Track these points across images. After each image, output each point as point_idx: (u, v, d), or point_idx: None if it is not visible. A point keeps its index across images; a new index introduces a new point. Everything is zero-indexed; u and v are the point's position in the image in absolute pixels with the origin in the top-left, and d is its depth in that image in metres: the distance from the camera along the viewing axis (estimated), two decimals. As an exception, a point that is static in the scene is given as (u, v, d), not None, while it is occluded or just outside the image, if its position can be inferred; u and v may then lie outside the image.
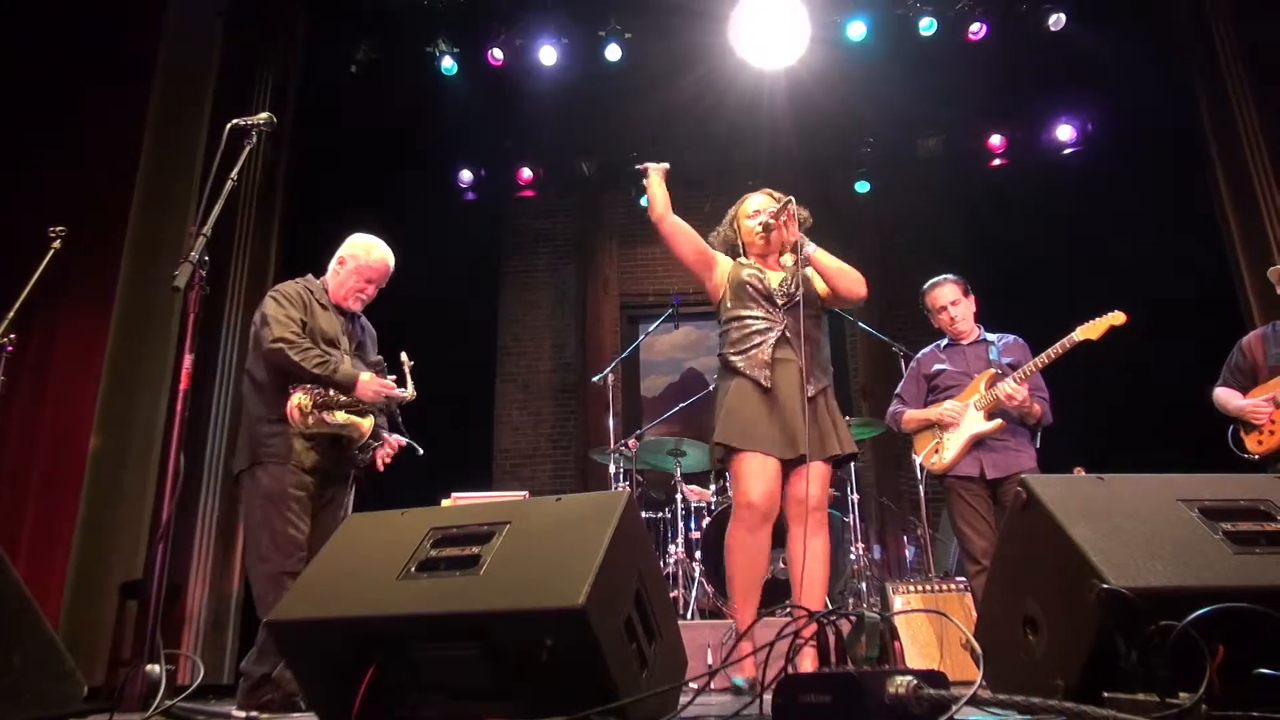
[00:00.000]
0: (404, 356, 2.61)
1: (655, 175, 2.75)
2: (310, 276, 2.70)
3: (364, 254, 2.66)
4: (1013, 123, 5.95)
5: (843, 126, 5.87)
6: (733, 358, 2.55)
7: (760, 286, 2.59)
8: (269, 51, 4.69)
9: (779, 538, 2.51)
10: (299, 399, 2.42)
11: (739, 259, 2.73)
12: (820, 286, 2.64)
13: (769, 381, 2.47)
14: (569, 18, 5.27)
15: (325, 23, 5.09)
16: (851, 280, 2.54)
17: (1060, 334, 2.91)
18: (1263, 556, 1.31)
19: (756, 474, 2.41)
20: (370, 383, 2.48)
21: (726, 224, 2.80)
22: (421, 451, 2.64)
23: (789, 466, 2.47)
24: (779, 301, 2.58)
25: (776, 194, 2.71)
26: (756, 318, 2.57)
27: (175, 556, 1.98)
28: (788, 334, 2.53)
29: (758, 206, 2.71)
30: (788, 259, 2.66)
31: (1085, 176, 5.53)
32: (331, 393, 2.46)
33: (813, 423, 2.43)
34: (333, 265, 2.69)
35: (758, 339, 2.53)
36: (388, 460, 2.62)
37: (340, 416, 2.46)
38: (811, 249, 2.56)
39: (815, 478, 2.43)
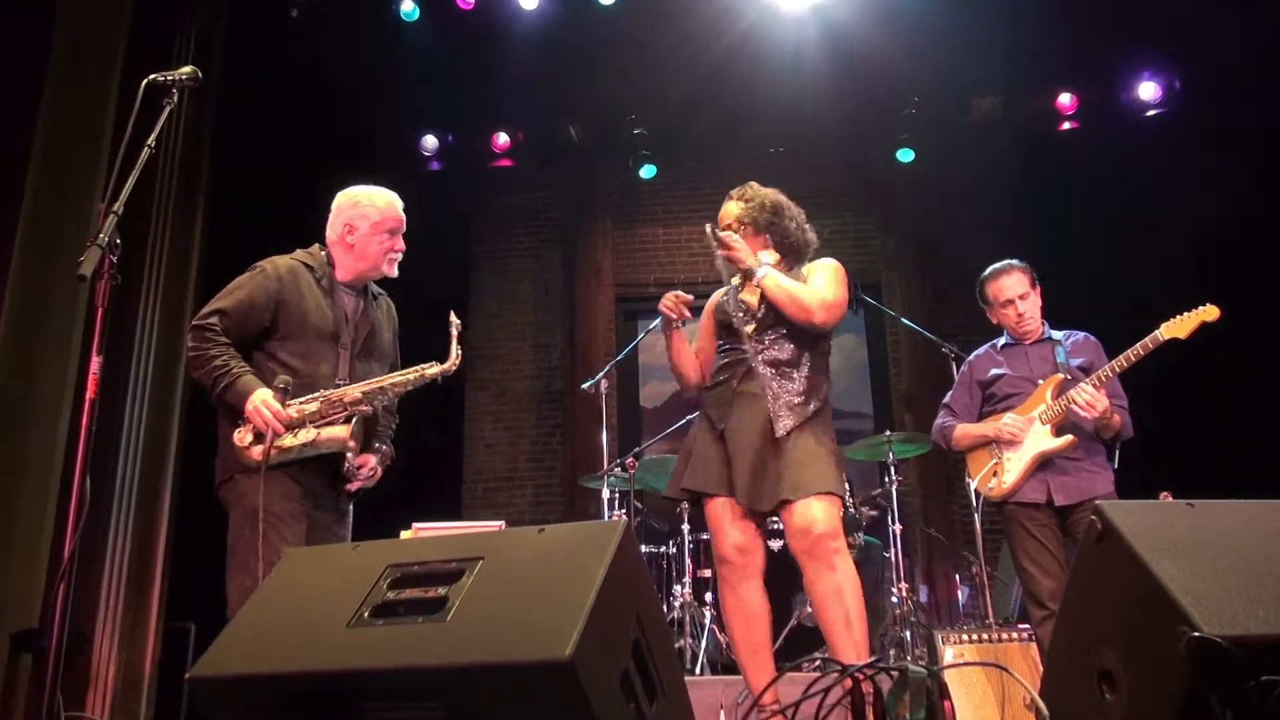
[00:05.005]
0: (452, 316, 2.56)
1: (676, 338, 2.78)
2: (316, 248, 2.65)
3: (372, 208, 2.64)
4: (1085, 79, 5.97)
5: (883, 83, 5.88)
6: (705, 395, 2.74)
7: (731, 316, 2.71)
8: (193, -7, 4.70)
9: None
10: (239, 432, 2.37)
11: (729, 288, 2.81)
12: None
13: (722, 422, 2.62)
14: (553, -48, 5.29)
15: (260, -42, 5.11)
16: (797, 309, 2.59)
17: (1141, 332, 2.92)
18: (1385, 599, 1.31)
19: (723, 524, 2.57)
20: (258, 410, 2.34)
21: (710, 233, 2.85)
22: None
23: (776, 509, 2.54)
24: (750, 329, 2.66)
25: (745, 195, 2.77)
26: (730, 349, 2.71)
27: (79, 601, 1.99)
28: (756, 363, 2.62)
29: (725, 220, 2.78)
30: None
31: (1171, 143, 5.54)
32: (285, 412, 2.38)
33: (779, 467, 2.51)
34: (338, 237, 2.63)
35: (725, 374, 2.69)
36: (367, 480, 2.58)
37: (302, 436, 2.37)
38: (762, 274, 2.62)
39: (806, 507, 2.46)
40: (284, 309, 2.50)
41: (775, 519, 2.64)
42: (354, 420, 2.42)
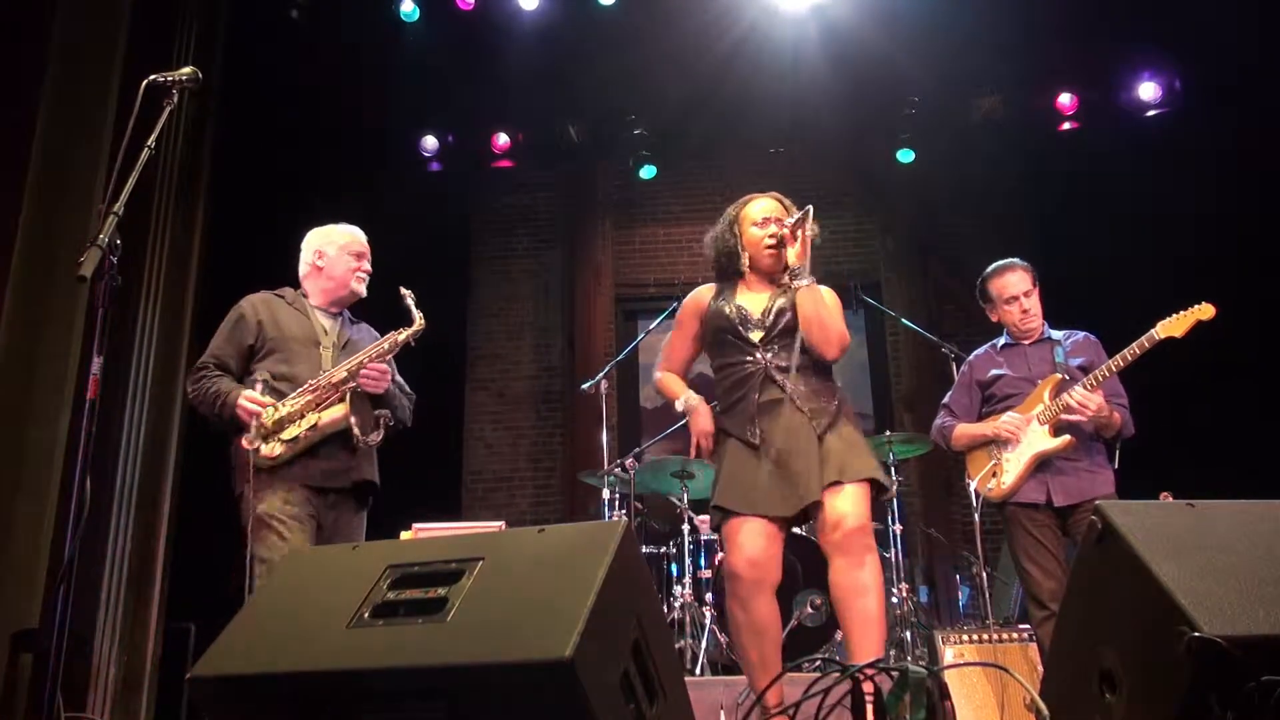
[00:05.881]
0: (403, 290, 2.73)
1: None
2: (287, 289, 2.88)
3: (338, 235, 2.87)
4: (1085, 79, 5.97)
5: (883, 83, 5.88)
6: (722, 417, 2.67)
7: (733, 324, 2.66)
8: (193, -7, 4.70)
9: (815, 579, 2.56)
10: (245, 437, 2.53)
11: (719, 291, 2.76)
12: None
13: (757, 437, 2.56)
14: (553, -47, 5.29)
15: (260, -41, 5.11)
16: (822, 338, 2.56)
17: (1140, 332, 2.93)
18: (1385, 599, 1.31)
19: (745, 539, 2.51)
20: (240, 406, 2.55)
21: (725, 226, 2.80)
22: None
23: (812, 508, 2.51)
24: (757, 337, 2.63)
25: (787, 201, 2.76)
26: (738, 363, 2.65)
27: (79, 601, 1.99)
28: (772, 371, 2.59)
29: (767, 214, 2.73)
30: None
31: (1171, 144, 5.54)
32: (276, 410, 2.55)
33: (818, 460, 2.50)
34: (309, 268, 2.86)
35: (741, 389, 2.63)
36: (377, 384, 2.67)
37: (302, 427, 2.54)
38: (804, 283, 2.58)
39: (844, 497, 2.45)
40: (264, 329, 2.71)
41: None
42: (349, 398, 2.58)
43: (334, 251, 2.83)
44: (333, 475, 2.62)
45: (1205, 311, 2.89)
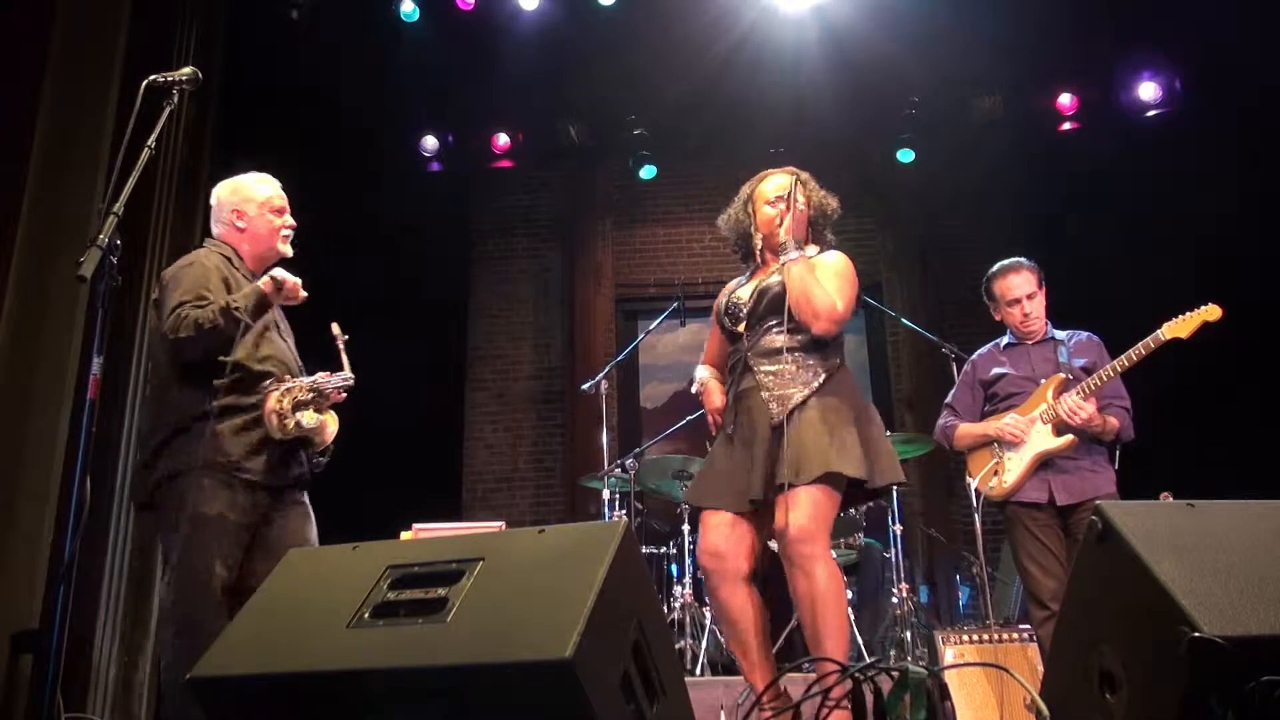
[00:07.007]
0: (335, 329, 2.49)
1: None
2: (229, 251, 2.59)
3: (253, 190, 2.59)
4: (1085, 79, 5.97)
5: (883, 83, 5.89)
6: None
7: (723, 317, 2.69)
8: (193, -7, 4.70)
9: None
10: (276, 401, 2.32)
11: (737, 282, 2.78)
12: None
13: (730, 426, 2.59)
14: (554, -47, 5.30)
15: (260, -41, 5.11)
16: (808, 313, 2.50)
17: (1141, 332, 2.92)
18: (1386, 599, 1.31)
19: (708, 531, 2.53)
20: (268, 282, 2.30)
21: (740, 205, 2.78)
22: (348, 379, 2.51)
23: (770, 504, 2.47)
24: (742, 328, 2.63)
25: (805, 175, 2.74)
26: (733, 352, 2.67)
27: (78, 602, 1.99)
28: (749, 358, 2.58)
29: (779, 192, 2.69)
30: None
31: (1172, 144, 5.54)
32: (302, 390, 2.37)
33: (769, 454, 2.44)
34: (228, 230, 2.59)
35: (730, 379, 2.65)
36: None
37: (309, 418, 2.37)
38: (793, 257, 2.54)
39: (791, 505, 2.36)
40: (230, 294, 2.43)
41: None
42: (335, 417, 2.48)
43: (254, 210, 2.56)
44: (286, 473, 2.43)
45: (1212, 313, 2.87)
